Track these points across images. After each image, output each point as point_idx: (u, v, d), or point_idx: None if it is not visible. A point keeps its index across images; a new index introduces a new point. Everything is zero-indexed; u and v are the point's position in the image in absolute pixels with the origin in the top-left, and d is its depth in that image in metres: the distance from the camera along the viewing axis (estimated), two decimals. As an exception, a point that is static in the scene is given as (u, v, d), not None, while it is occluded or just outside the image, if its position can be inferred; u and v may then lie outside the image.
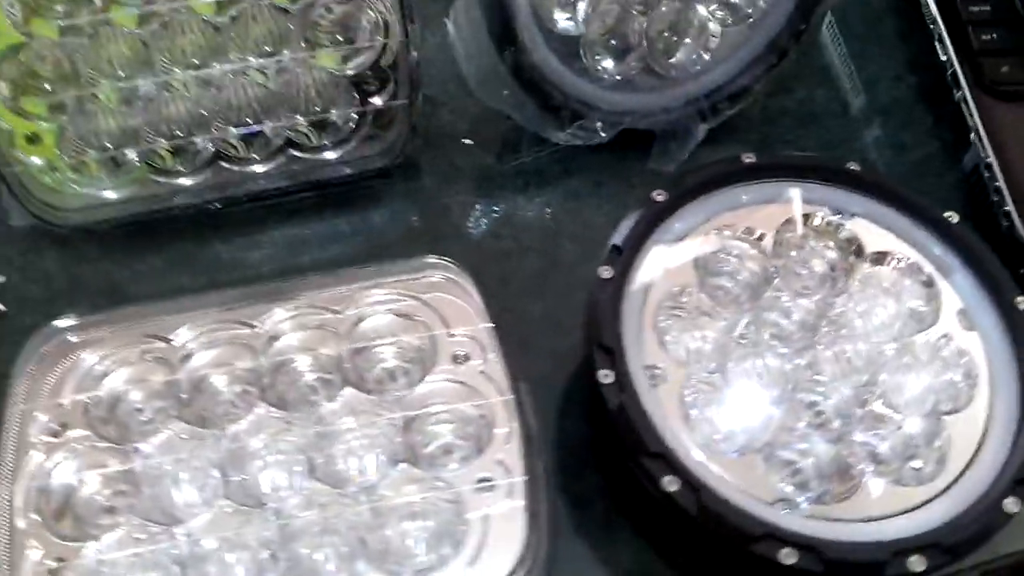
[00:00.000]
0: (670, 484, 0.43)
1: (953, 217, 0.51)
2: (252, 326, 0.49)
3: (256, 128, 0.58)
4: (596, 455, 0.54)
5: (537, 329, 0.57)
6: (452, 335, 0.49)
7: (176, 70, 0.55)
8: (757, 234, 0.52)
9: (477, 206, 0.62)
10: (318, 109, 0.58)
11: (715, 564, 0.49)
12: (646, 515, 0.51)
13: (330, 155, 0.60)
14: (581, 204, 0.62)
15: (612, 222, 0.51)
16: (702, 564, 0.50)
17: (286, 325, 0.49)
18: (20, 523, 0.43)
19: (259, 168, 0.59)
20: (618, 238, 0.49)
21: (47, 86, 0.54)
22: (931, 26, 0.63)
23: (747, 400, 0.49)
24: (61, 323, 0.49)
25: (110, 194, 0.58)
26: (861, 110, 0.67)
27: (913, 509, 0.45)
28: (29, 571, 0.42)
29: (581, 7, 0.59)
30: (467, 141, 0.64)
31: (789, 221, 0.52)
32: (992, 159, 0.58)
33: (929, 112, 0.66)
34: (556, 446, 0.54)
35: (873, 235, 0.52)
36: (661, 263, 0.50)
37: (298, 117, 0.58)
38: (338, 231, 0.61)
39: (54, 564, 0.42)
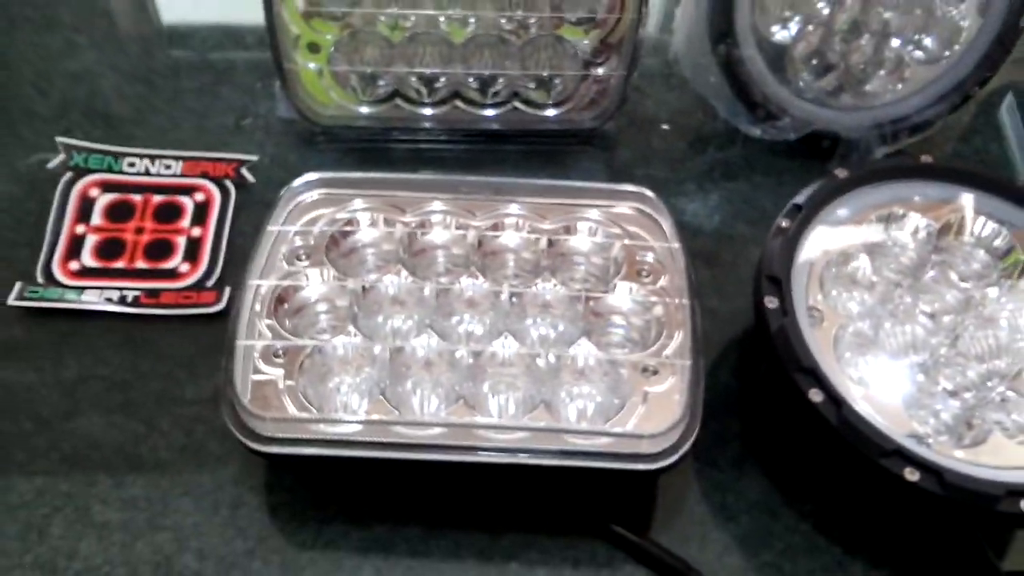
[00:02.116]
0: (815, 395, 0.49)
1: (1113, 241, 0.56)
2: (474, 215, 0.57)
3: (496, 74, 0.67)
4: (740, 402, 0.59)
5: (704, 291, 0.63)
6: (644, 251, 0.56)
7: (441, 16, 0.65)
8: (926, 226, 0.58)
9: (665, 182, 0.69)
10: (547, 70, 0.68)
11: (832, 496, 0.54)
12: (774, 454, 0.56)
13: (548, 113, 0.69)
14: (761, 196, 0.69)
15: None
16: (817, 502, 0.55)
17: (504, 221, 0.57)
18: (257, 307, 0.51)
19: (487, 112, 0.69)
20: (800, 199, 0.56)
21: (334, 8, 0.65)
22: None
23: (894, 359, 0.54)
24: (318, 175, 0.58)
25: (361, 108, 0.68)
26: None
27: (1035, 468, 0.49)
28: (259, 348, 0.51)
29: (793, 25, 0.67)
30: (665, 127, 0.72)
31: (954, 221, 0.58)
32: None
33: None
34: (705, 390, 0.60)
35: (1031, 247, 0.57)
36: (833, 232, 0.56)
37: (530, 73, 0.68)
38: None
39: (281, 346, 0.51)
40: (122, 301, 0.61)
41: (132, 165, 0.67)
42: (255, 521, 0.54)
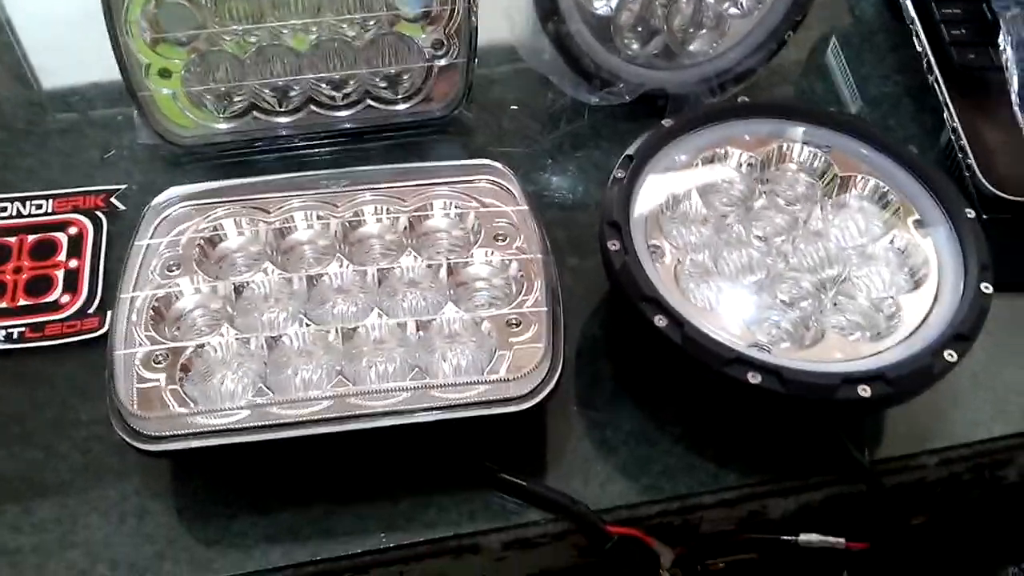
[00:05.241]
0: (660, 321, 0.53)
1: (913, 149, 0.62)
2: (336, 207, 0.60)
3: (345, 77, 0.70)
4: (608, 347, 0.63)
5: (563, 250, 0.68)
6: (498, 218, 0.60)
7: (284, 27, 0.69)
8: (748, 160, 0.63)
9: (521, 158, 0.74)
10: (393, 67, 0.71)
11: (700, 420, 0.58)
12: (644, 389, 0.61)
13: (400, 107, 0.72)
14: (608, 159, 0.73)
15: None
16: (686, 426, 0.59)
17: (363, 209, 0.61)
18: (134, 318, 0.54)
19: (342, 113, 0.72)
20: (631, 150, 0.61)
21: (179, 33, 0.68)
22: (910, 25, 0.75)
23: (733, 281, 0.59)
24: (180, 190, 0.61)
25: (220, 125, 0.71)
26: (855, 101, 0.79)
27: (868, 357, 0.54)
28: (140, 356, 0.53)
29: (614, -4, 0.72)
30: (515, 108, 0.76)
31: (775, 151, 0.63)
32: (957, 124, 0.69)
33: (913, 104, 0.78)
34: (578, 341, 0.64)
35: (845, 164, 0.62)
36: (666, 177, 0.61)
37: (377, 72, 0.71)
38: (401, 174, 0.73)
39: (159, 351, 0.53)
40: (8, 339, 0.63)
41: (4, 210, 0.69)
42: (162, 526, 0.56)
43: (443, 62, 0.71)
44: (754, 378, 0.51)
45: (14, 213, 0.69)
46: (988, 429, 0.60)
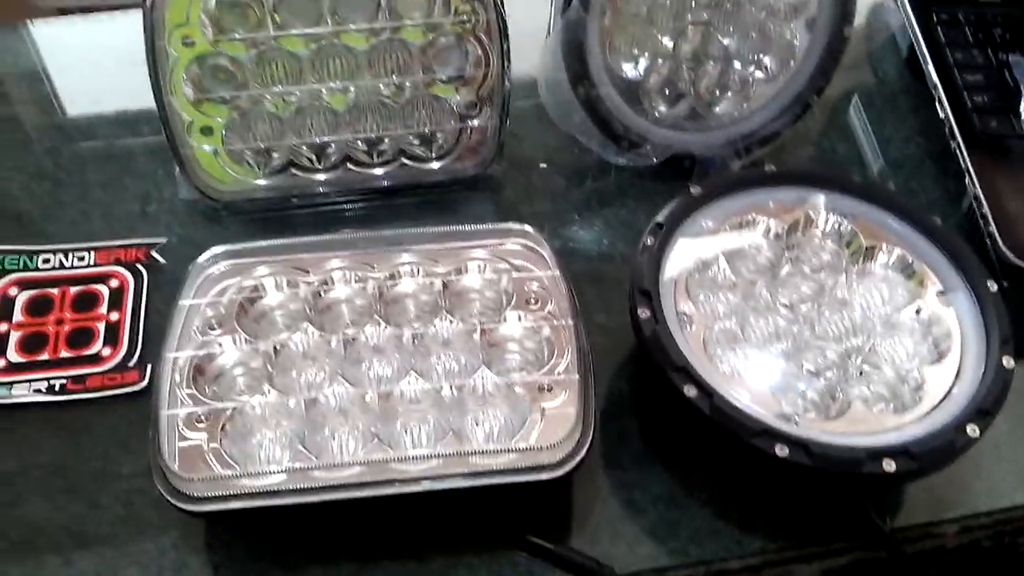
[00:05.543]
0: (689, 391, 0.54)
1: (937, 220, 0.63)
2: (372, 267, 0.62)
3: (381, 136, 0.72)
4: (637, 405, 0.65)
5: (592, 308, 0.69)
6: (529, 282, 0.62)
7: (323, 88, 0.71)
8: (774, 228, 0.64)
9: (549, 215, 0.75)
10: (427, 127, 0.73)
11: (726, 484, 0.59)
12: (672, 449, 0.62)
13: (434, 165, 0.74)
14: (635, 218, 0.75)
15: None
16: (712, 491, 0.60)
17: (400, 270, 0.62)
18: (177, 378, 0.56)
19: (377, 171, 0.74)
20: (660, 217, 0.62)
21: (222, 93, 0.70)
22: (933, 91, 0.76)
23: (760, 348, 0.60)
24: (223, 248, 0.62)
25: (259, 181, 0.73)
26: (877, 163, 0.80)
27: (892, 430, 0.55)
28: (181, 415, 0.55)
29: (643, 61, 0.74)
30: (543, 166, 0.78)
31: (801, 219, 0.64)
32: (979, 191, 0.70)
33: (935, 166, 0.79)
34: (604, 398, 0.65)
35: (870, 232, 0.64)
36: (695, 243, 0.63)
37: (412, 131, 0.73)
38: (432, 231, 0.75)
39: (201, 411, 0.55)
40: (51, 390, 0.64)
41: (47, 261, 0.71)
42: (198, 581, 0.58)
43: (476, 123, 0.73)
44: (781, 451, 0.52)
45: (57, 264, 0.71)
46: (1010, 498, 0.61)
